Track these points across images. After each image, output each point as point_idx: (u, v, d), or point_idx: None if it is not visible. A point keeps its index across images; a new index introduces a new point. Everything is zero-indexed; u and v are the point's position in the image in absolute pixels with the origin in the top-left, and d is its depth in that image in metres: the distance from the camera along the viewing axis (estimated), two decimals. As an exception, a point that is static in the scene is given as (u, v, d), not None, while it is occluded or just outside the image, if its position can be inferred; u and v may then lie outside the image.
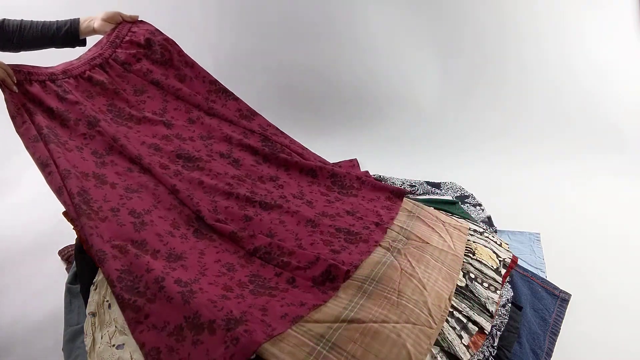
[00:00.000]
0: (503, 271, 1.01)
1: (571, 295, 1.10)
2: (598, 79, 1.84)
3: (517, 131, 1.89)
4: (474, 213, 1.35)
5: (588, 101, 1.85)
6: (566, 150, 1.77)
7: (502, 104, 1.96)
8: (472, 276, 0.96)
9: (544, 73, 1.90)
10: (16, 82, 1.02)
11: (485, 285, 0.95)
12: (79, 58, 1.19)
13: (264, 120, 1.31)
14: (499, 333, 0.90)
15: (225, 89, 1.31)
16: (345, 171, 1.24)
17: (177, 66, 1.27)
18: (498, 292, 0.95)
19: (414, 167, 1.71)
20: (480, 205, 1.40)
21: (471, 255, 1.02)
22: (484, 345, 0.85)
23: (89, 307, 0.91)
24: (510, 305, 0.98)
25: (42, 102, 1.04)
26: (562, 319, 1.04)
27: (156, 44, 1.24)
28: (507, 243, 1.14)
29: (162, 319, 0.76)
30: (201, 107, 1.25)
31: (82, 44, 1.18)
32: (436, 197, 1.40)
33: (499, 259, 1.04)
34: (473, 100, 2.00)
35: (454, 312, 0.85)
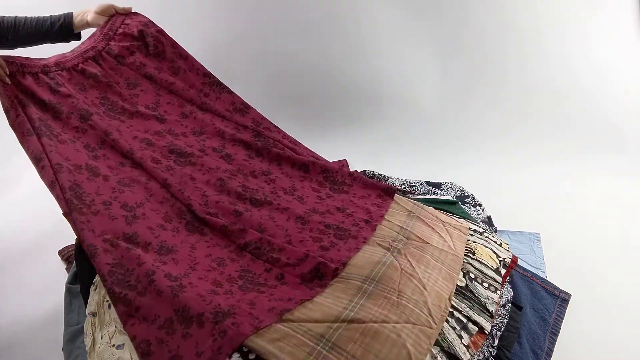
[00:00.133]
0: (503, 271, 1.01)
1: (571, 295, 1.10)
2: (598, 79, 1.84)
3: (517, 131, 1.89)
4: (474, 213, 1.35)
5: (588, 101, 1.85)
6: (566, 150, 1.77)
7: (502, 104, 1.96)
8: (472, 276, 0.96)
9: (544, 73, 1.90)
10: (9, 73, 1.01)
11: (485, 285, 0.95)
12: (72, 51, 1.18)
13: (257, 114, 1.31)
14: (499, 333, 0.90)
15: (219, 81, 1.30)
16: (338, 167, 1.25)
17: (170, 58, 1.26)
18: (498, 292, 0.95)
19: (414, 167, 1.71)
20: (480, 205, 1.40)
21: (471, 255, 1.02)
22: (484, 345, 0.85)
23: (89, 307, 0.91)
24: (510, 305, 0.98)
25: (34, 95, 1.03)
26: (562, 319, 1.04)
27: (149, 36, 1.23)
28: (507, 243, 1.14)
29: (153, 312, 0.76)
30: (194, 101, 1.25)
31: (77, 37, 1.17)
32: (436, 197, 1.40)
33: (499, 259, 1.04)
34: (473, 100, 2.00)
35: (454, 312, 0.85)
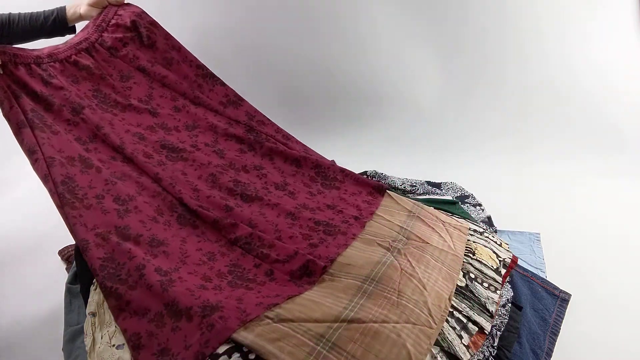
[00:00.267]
0: (503, 271, 1.01)
1: (571, 295, 1.10)
2: (598, 79, 1.84)
3: (517, 131, 1.89)
4: (474, 213, 1.35)
5: (588, 101, 1.85)
6: (566, 150, 1.77)
7: (502, 104, 1.96)
8: (472, 276, 0.96)
9: (544, 73, 1.90)
10: (1, 63, 1.01)
11: (485, 285, 0.95)
12: (65, 42, 1.17)
13: (251, 106, 1.31)
14: (499, 333, 0.90)
15: (212, 73, 1.30)
16: (330, 163, 1.25)
17: (163, 49, 1.26)
18: (498, 292, 0.95)
19: (414, 167, 1.71)
20: (480, 205, 1.40)
21: (471, 255, 1.02)
22: (484, 345, 0.85)
23: (89, 307, 0.91)
24: (510, 305, 0.98)
25: (26, 86, 1.03)
26: (562, 319, 1.04)
27: (142, 27, 1.23)
28: (507, 243, 1.14)
29: (143, 305, 0.78)
30: (187, 95, 1.25)
31: (72, 31, 1.17)
32: (436, 197, 1.40)
33: (499, 259, 1.04)
34: (473, 100, 2.00)
35: (454, 312, 0.85)
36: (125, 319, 0.77)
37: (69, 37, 1.19)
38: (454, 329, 0.82)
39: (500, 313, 0.94)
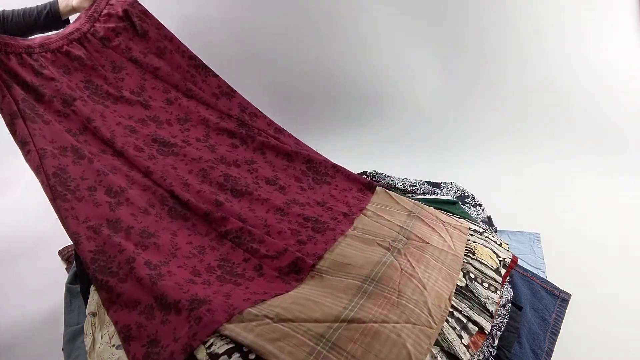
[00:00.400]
0: (503, 271, 1.01)
1: (571, 295, 1.10)
2: (598, 79, 1.84)
3: (517, 131, 1.89)
4: (474, 213, 1.35)
5: (588, 101, 1.85)
6: (566, 150, 1.77)
7: (502, 104, 1.96)
8: (472, 276, 0.96)
9: (544, 73, 1.90)
10: None
11: (485, 285, 0.95)
12: (57, 33, 1.16)
13: (243, 99, 1.31)
14: (499, 333, 0.90)
15: (205, 65, 1.30)
16: (322, 158, 1.25)
17: (156, 39, 1.25)
18: (498, 292, 0.95)
19: (414, 167, 1.71)
20: (480, 205, 1.40)
21: (471, 255, 1.02)
22: (484, 345, 0.85)
23: (89, 307, 0.91)
24: (510, 305, 0.98)
25: (17, 75, 1.02)
26: (562, 319, 1.04)
27: (134, 16, 1.23)
28: (507, 243, 1.14)
29: (133, 298, 0.79)
30: (179, 87, 1.25)
31: (66, 24, 1.16)
32: (436, 197, 1.40)
33: (499, 259, 1.04)
34: (473, 100, 2.00)
35: (454, 312, 0.85)
36: (116, 311, 0.78)
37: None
38: (454, 329, 0.82)
39: (500, 313, 0.94)
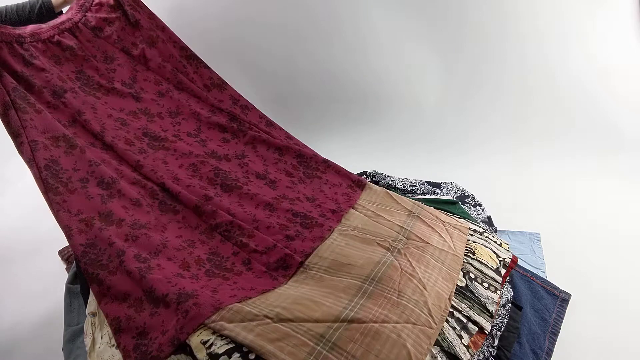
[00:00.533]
0: (503, 271, 1.01)
1: (571, 295, 1.10)
2: (598, 79, 1.84)
3: (518, 131, 1.89)
4: (474, 213, 1.35)
5: (588, 101, 1.85)
6: (566, 150, 1.77)
7: (502, 104, 1.96)
8: (472, 276, 0.96)
9: (544, 73, 1.90)
10: None
11: (485, 285, 0.95)
12: (48, 23, 1.15)
13: (235, 91, 1.31)
14: (499, 333, 0.90)
15: (196, 55, 1.29)
16: (312, 153, 1.26)
17: (148, 27, 1.24)
18: (498, 292, 0.95)
19: (414, 167, 1.71)
20: (480, 205, 1.40)
21: (471, 255, 1.02)
22: (484, 345, 0.85)
23: (89, 307, 0.91)
24: (510, 305, 0.98)
25: (7, 64, 1.01)
26: (562, 319, 1.04)
27: (126, 4, 1.22)
28: (507, 243, 1.14)
29: (123, 290, 0.80)
30: (170, 80, 1.24)
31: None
32: (436, 197, 1.40)
33: (499, 259, 1.04)
34: (473, 100, 2.00)
35: (454, 312, 0.85)
36: (107, 303, 0.79)
37: None
38: (454, 329, 0.82)
39: (500, 313, 0.94)
